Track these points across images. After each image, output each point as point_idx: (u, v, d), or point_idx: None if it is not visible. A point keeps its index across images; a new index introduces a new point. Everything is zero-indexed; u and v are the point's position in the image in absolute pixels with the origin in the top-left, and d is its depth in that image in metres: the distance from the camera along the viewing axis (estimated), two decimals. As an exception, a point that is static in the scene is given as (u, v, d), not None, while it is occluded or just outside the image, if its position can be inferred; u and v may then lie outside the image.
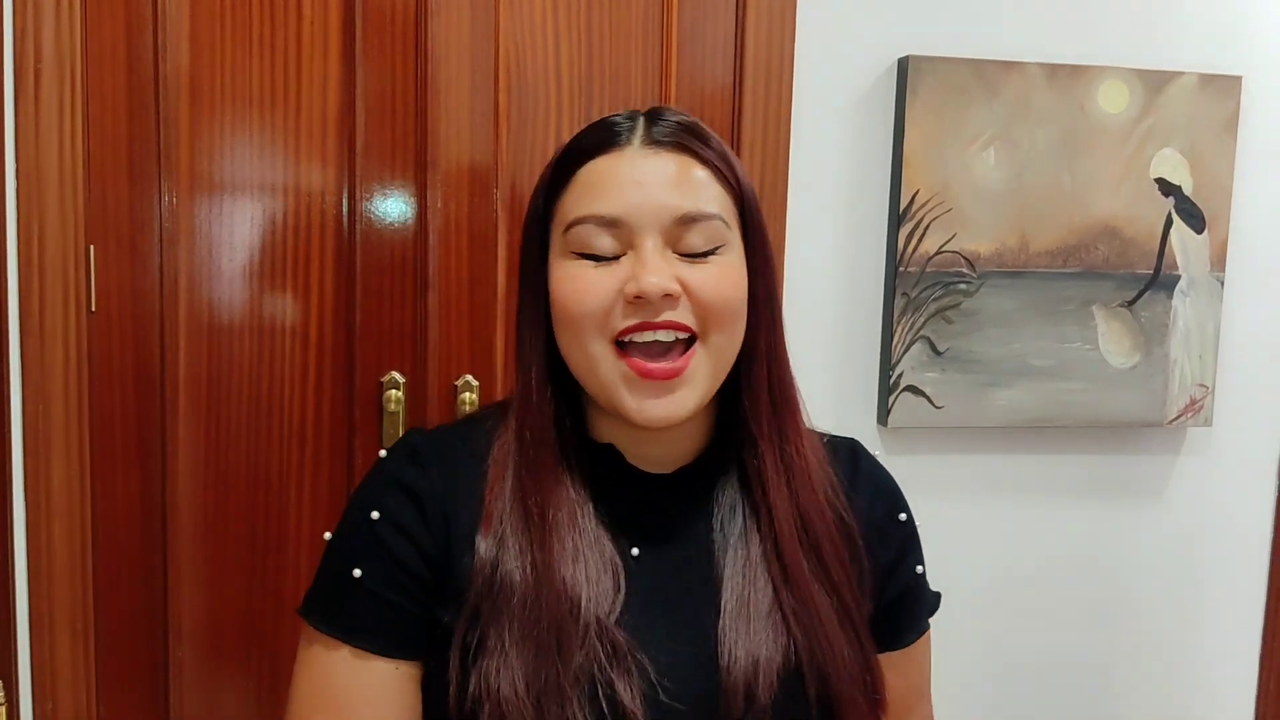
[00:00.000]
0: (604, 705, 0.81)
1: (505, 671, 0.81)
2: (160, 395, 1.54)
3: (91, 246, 1.49)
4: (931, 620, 1.02)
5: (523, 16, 1.57)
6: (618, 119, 0.89)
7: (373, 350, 1.59)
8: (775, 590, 0.87)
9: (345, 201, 1.56)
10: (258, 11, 1.51)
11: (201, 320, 1.55)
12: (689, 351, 0.84)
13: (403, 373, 1.60)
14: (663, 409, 0.84)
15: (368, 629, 0.87)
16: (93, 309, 1.50)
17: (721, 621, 0.86)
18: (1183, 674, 1.92)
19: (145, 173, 1.50)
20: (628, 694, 0.81)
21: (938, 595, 1.03)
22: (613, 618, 0.83)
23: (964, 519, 1.80)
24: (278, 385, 1.58)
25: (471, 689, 0.82)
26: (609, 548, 0.87)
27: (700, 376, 0.85)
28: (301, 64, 1.53)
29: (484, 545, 0.86)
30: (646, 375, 0.83)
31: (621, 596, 0.85)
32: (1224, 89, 1.75)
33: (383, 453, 0.93)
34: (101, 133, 1.48)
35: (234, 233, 1.54)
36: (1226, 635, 1.93)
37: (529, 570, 0.84)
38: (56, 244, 1.46)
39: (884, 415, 1.72)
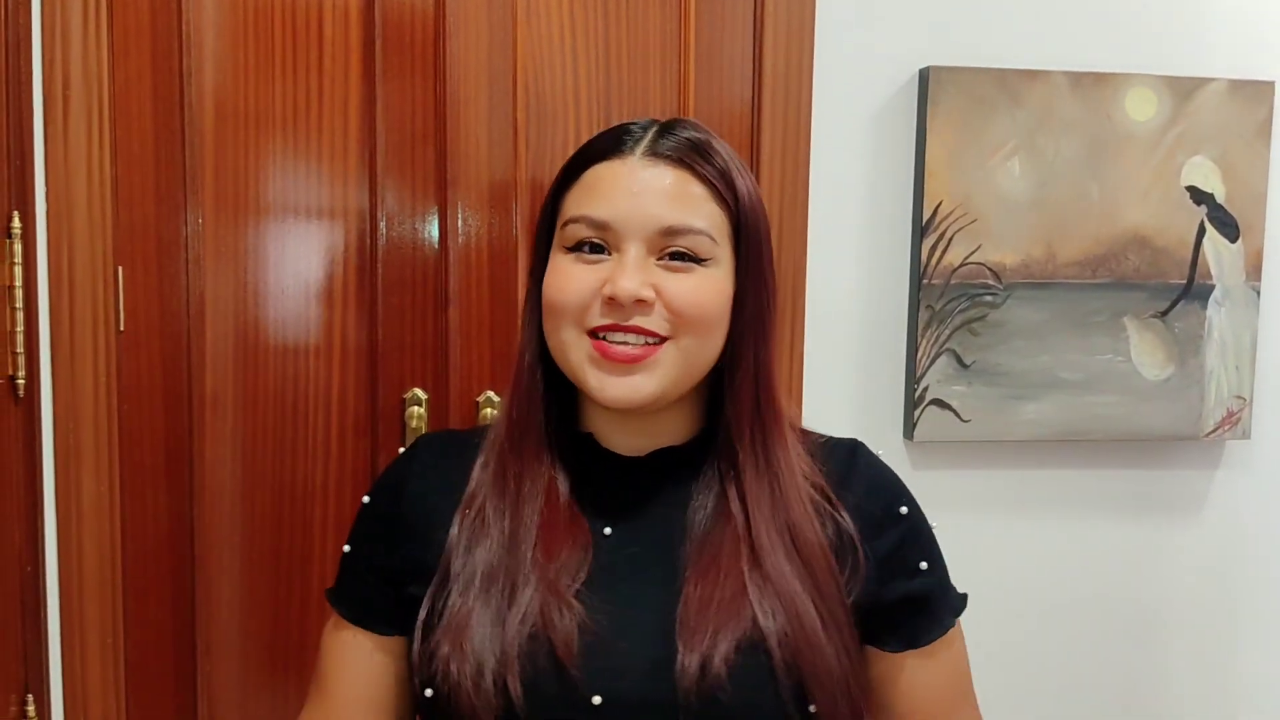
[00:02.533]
0: (545, 664, 0.86)
1: (462, 630, 0.87)
2: (188, 413, 1.56)
3: (120, 268, 1.52)
4: (960, 620, 1.01)
5: (540, 35, 1.59)
6: (634, 126, 0.94)
7: (395, 367, 1.60)
8: (744, 582, 0.89)
9: (368, 220, 1.58)
10: (280, 35, 1.54)
11: (227, 339, 1.57)
12: (656, 345, 0.89)
13: (425, 389, 1.61)
14: (621, 389, 0.89)
15: (347, 599, 0.99)
16: (121, 329, 1.53)
17: (684, 597, 0.89)
18: (1222, 695, 1.87)
19: (172, 195, 1.53)
20: (569, 656, 0.85)
21: (963, 596, 1.02)
22: (573, 589, 0.89)
23: (992, 535, 1.77)
24: (302, 402, 1.60)
25: (429, 649, 0.89)
26: (581, 525, 0.92)
27: (664, 368, 0.89)
28: (323, 86, 1.56)
29: (457, 526, 0.93)
30: (609, 357, 0.88)
31: (586, 570, 0.90)
32: (1256, 95, 1.72)
33: (401, 450, 1.04)
34: (129, 156, 1.52)
35: (258, 252, 1.57)
36: (1268, 655, 1.87)
37: (499, 537, 0.91)
38: (86, 265, 1.50)
39: (909, 429, 1.70)
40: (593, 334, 0.90)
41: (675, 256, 0.89)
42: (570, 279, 0.90)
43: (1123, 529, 1.81)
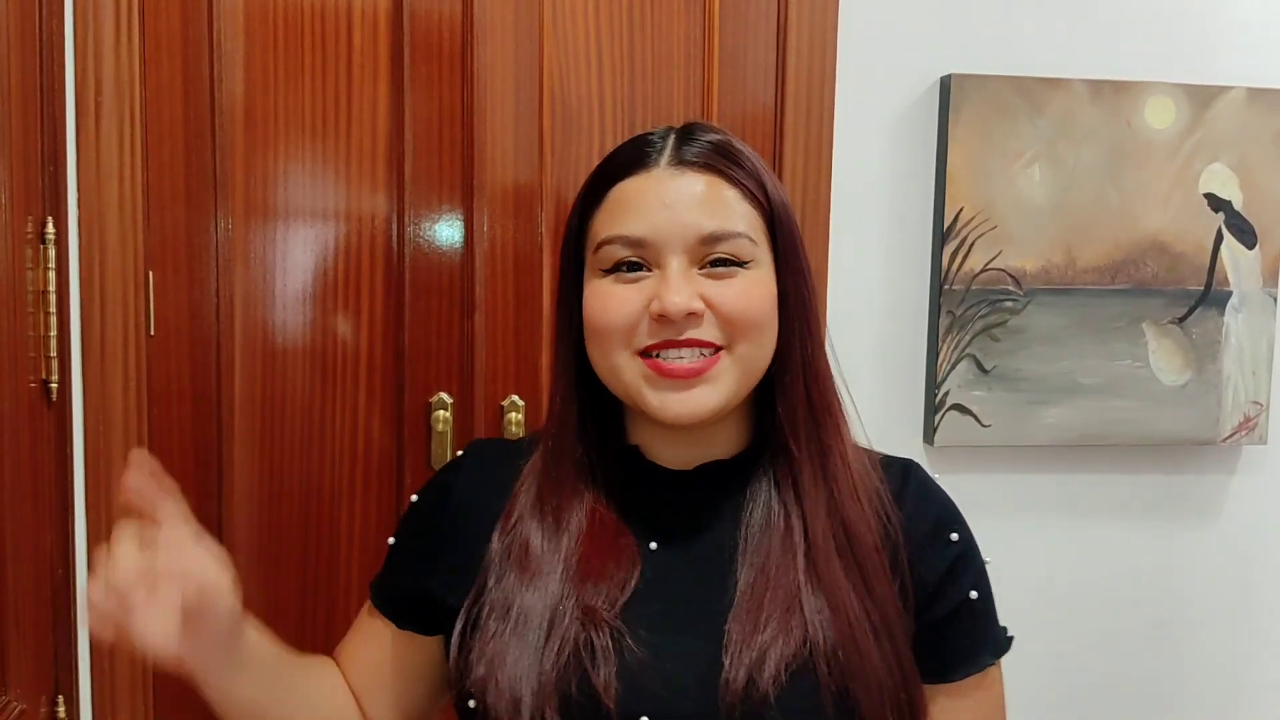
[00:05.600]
0: (576, 684, 0.84)
1: (496, 662, 0.86)
2: (216, 416, 1.58)
3: (150, 272, 1.53)
4: (1001, 663, 0.95)
5: (566, 43, 1.60)
6: (652, 136, 0.92)
7: (421, 371, 1.61)
8: (799, 591, 0.86)
9: (394, 226, 1.59)
10: (309, 42, 1.56)
11: (256, 342, 1.59)
12: (714, 356, 0.87)
13: (450, 393, 1.62)
14: (684, 405, 0.86)
15: (382, 590, 1.00)
16: (151, 332, 1.54)
17: (733, 612, 0.86)
18: (1239, 698, 1.88)
19: (202, 200, 1.55)
20: (599, 676, 0.84)
21: (1008, 639, 0.97)
22: (615, 608, 0.86)
23: (1012, 540, 1.78)
24: (329, 406, 1.61)
25: (465, 666, 0.88)
26: (628, 540, 0.90)
27: (723, 379, 0.87)
28: (352, 93, 1.57)
29: (497, 542, 0.92)
30: (666, 374, 0.86)
31: (631, 587, 0.88)
32: (1273, 103, 1.73)
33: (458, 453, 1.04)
34: (160, 162, 1.53)
35: (287, 257, 1.58)
36: (1285, 657, 1.89)
37: (536, 569, 0.89)
38: (117, 270, 1.51)
39: (930, 434, 1.72)
40: (644, 353, 0.87)
41: (717, 263, 0.86)
42: (613, 299, 0.87)
43: (1140, 533, 1.82)
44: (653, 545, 0.91)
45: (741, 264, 0.87)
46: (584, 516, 0.91)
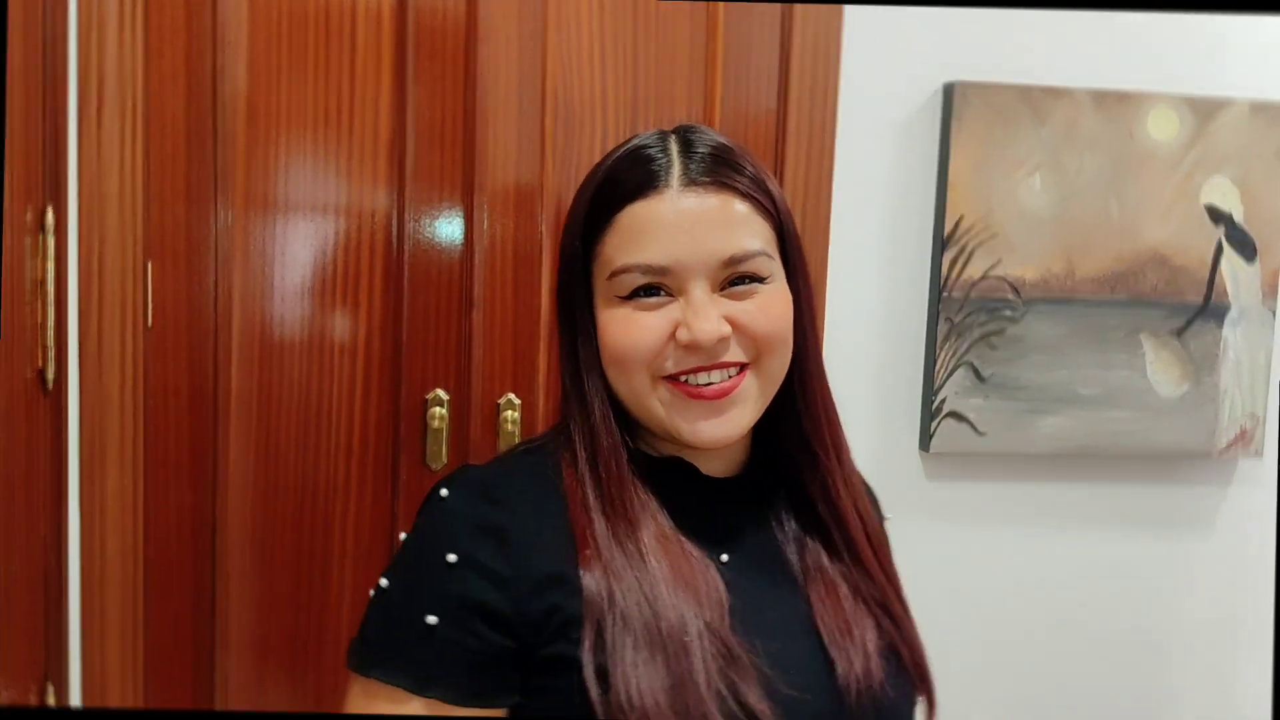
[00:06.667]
0: (734, 708, 0.81)
1: (642, 691, 0.79)
2: (213, 409, 1.58)
3: (149, 263, 1.53)
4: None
5: (570, 42, 1.60)
6: (651, 150, 0.88)
7: (418, 368, 1.61)
8: (856, 584, 0.91)
9: (394, 222, 1.59)
10: (313, 37, 1.56)
11: (254, 336, 1.59)
12: (740, 374, 0.87)
13: (447, 390, 1.62)
14: (717, 429, 0.86)
15: (445, 679, 0.82)
16: (149, 324, 1.54)
17: (817, 612, 0.89)
18: (1232, 711, 1.88)
19: (202, 192, 1.55)
20: (753, 694, 0.81)
21: None
22: (725, 624, 0.84)
23: (1007, 548, 1.78)
24: (326, 401, 1.61)
25: (614, 709, 0.80)
26: (703, 557, 0.87)
27: (751, 396, 0.88)
28: (355, 89, 1.57)
29: (589, 577, 0.83)
30: (699, 397, 0.86)
31: (727, 601, 0.85)
32: (1276, 116, 1.73)
33: (444, 491, 0.87)
34: (161, 154, 1.53)
35: (286, 251, 1.58)
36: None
37: (639, 593, 0.83)
38: (116, 260, 1.51)
39: (926, 441, 1.72)
40: (669, 377, 0.86)
41: (737, 281, 0.86)
42: (637, 326, 0.85)
43: (1135, 544, 1.82)
44: (724, 558, 0.89)
45: (761, 280, 0.87)
46: (658, 536, 0.87)
